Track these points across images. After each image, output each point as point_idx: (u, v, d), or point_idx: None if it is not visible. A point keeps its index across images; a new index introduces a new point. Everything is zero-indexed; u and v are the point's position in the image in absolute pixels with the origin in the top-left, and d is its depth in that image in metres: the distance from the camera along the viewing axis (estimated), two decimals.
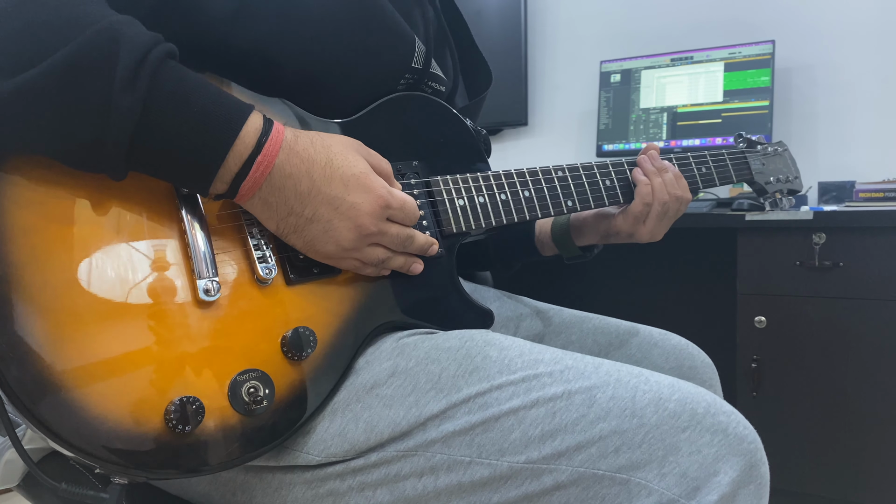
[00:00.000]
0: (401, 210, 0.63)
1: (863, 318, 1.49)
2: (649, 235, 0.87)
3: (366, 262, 0.64)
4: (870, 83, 1.93)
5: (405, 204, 0.63)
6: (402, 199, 0.63)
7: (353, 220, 0.60)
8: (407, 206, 0.64)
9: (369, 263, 0.64)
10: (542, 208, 0.78)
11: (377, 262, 0.64)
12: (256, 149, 0.55)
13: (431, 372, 0.59)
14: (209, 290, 0.55)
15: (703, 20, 2.15)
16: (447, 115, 0.78)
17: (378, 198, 0.61)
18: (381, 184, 0.62)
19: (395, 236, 0.63)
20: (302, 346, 0.58)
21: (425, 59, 0.76)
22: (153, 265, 0.54)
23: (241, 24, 0.62)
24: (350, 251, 0.61)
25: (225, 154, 0.54)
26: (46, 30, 0.49)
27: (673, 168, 0.87)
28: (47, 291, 0.49)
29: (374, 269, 0.65)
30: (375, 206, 0.61)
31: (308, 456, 0.59)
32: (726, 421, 0.54)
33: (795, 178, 1.08)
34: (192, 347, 0.54)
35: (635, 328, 0.90)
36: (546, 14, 2.42)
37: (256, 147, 0.55)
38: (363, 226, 0.60)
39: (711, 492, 0.51)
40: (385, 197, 0.61)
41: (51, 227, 0.51)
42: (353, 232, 0.60)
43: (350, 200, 0.59)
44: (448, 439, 0.56)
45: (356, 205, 0.60)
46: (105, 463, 0.49)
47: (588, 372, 0.57)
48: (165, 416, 0.51)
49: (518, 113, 2.39)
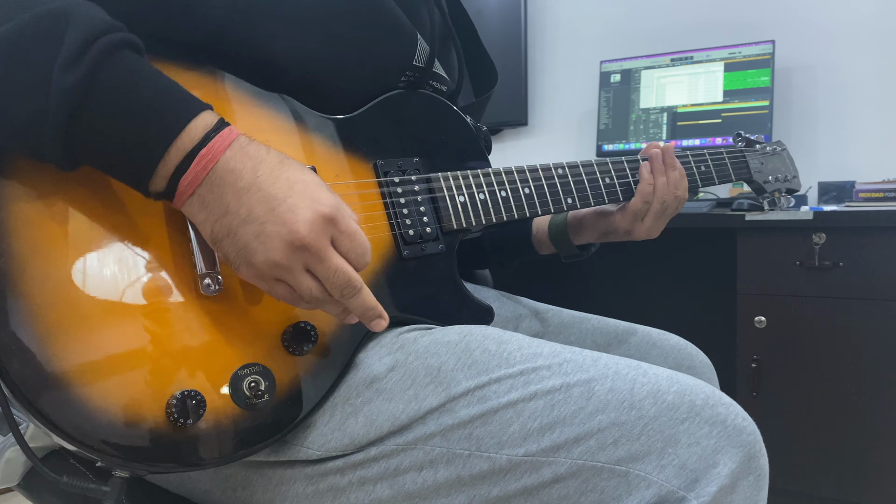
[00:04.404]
0: (348, 237, 0.54)
1: (863, 318, 1.48)
2: (646, 233, 0.88)
3: (299, 293, 0.54)
4: (870, 83, 1.93)
5: (356, 233, 0.54)
6: (353, 228, 0.54)
7: (287, 224, 0.51)
8: (357, 237, 0.54)
9: (302, 296, 0.54)
10: (542, 205, 0.79)
11: (309, 296, 0.54)
12: (202, 142, 0.51)
13: (431, 366, 0.59)
14: (210, 285, 0.55)
15: (703, 20, 2.15)
16: (448, 112, 0.78)
17: (323, 206, 0.52)
18: (333, 199, 0.54)
19: (334, 271, 0.53)
20: (303, 341, 0.59)
21: (428, 59, 0.76)
22: (155, 259, 0.54)
23: (236, 21, 0.62)
24: (281, 269, 0.52)
25: (167, 146, 0.50)
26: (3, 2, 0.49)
27: (680, 166, 0.88)
28: (49, 285, 0.49)
29: (307, 305, 0.56)
30: (317, 215, 0.52)
31: (308, 450, 0.59)
32: (725, 412, 0.54)
33: (794, 177, 1.08)
34: (193, 341, 0.54)
35: (634, 328, 0.90)
36: (546, 14, 2.42)
37: (202, 141, 0.51)
38: (298, 233, 0.51)
39: (710, 483, 0.52)
40: (332, 210, 0.53)
41: (53, 221, 0.51)
42: (282, 240, 0.51)
43: (290, 203, 0.51)
44: (447, 433, 0.56)
45: (295, 208, 0.51)
46: (106, 456, 0.50)
47: (586, 365, 0.57)
48: (167, 409, 0.51)
49: (518, 113, 2.39)
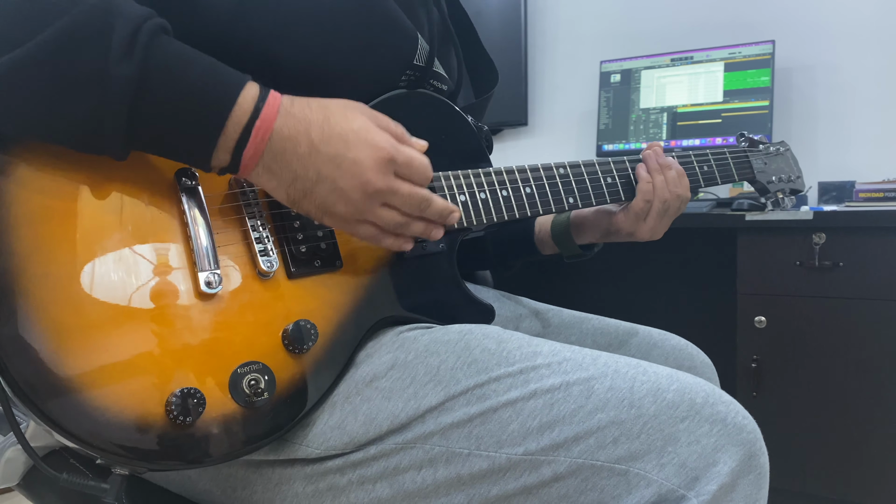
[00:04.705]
0: (407, 166, 0.60)
1: (863, 318, 1.48)
2: (650, 233, 0.87)
3: (382, 228, 0.61)
4: (870, 83, 1.93)
5: (412, 160, 0.60)
6: (409, 155, 0.60)
7: (357, 177, 0.57)
8: (415, 161, 0.60)
9: (386, 229, 0.61)
10: (543, 205, 0.78)
11: (394, 225, 0.61)
12: (254, 114, 0.54)
13: (430, 364, 0.59)
14: (211, 283, 0.55)
15: (703, 20, 2.15)
16: (449, 112, 0.78)
17: (380, 150, 0.58)
18: (383, 138, 0.59)
19: (407, 196, 0.60)
20: (303, 340, 0.59)
21: (428, 58, 0.76)
22: (155, 258, 0.54)
23: (241, 21, 0.62)
24: (362, 212, 0.59)
25: (224, 122, 0.53)
26: (37, 7, 0.49)
27: (676, 165, 0.87)
28: (50, 283, 0.49)
29: (393, 239, 0.63)
30: (378, 159, 0.58)
31: (308, 449, 0.59)
32: (725, 411, 0.54)
33: (798, 177, 1.07)
34: (193, 340, 0.54)
35: (634, 329, 0.90)
36: (546, 14, 2.42)
37: (254, 113, 0.54)
38: (369, 182, 0.57)
39: (711, 482, 0.52)
40: (388, 150, 0.58)
41: (54, 220, 0.51)
42: (358, 190, 0.57)
43: (351, 156, 0.57)
44: (446, 431, 0.56)
45: (358, 160, 0.57)
46: (106, 453, 0.50)
47: (586, 363, 0.57)
48: (166, 407, 0.51)
49: (518, 113, 2.39)
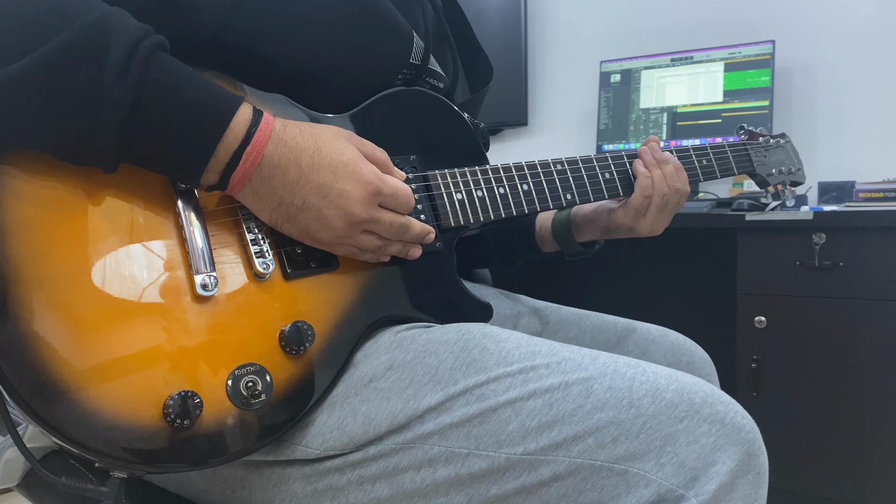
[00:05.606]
0: (392, 197, 0.62)
1: (863, 318, 1.48)
2: (650, 229, 0.87)
3: (361, 248, 0.63)
4: (870, 83, 1.93)
5: (398, 191, 0.63)
6: (395, 187, 0.62)
7: (342, 207, 0.59)
8: (399, 193, 0.63)
9: (365, 250, 0.64)
10: (540, 202, 0.78)
11: (373, 248, 0.64)
12: (245, 140, 0.55)
13: (429, 364, 0.59)
14: (207, 285, 0.55)
15: (703, 20, 2.15)
16: (445, 110, 0.78)
17: (367, 184, 0.60)
18: (371, 170, 0.61)
19: (388, 224, 0.63)
20: (300, 341, 0.58)
21: (423, 56, 0.75)
22: (151, 260, 0.54)
23: (234, 21, 0.62)
24: (343, 238, 0.61)
25: (215, 145, 0.54)
26: (37, 22, 0.49)
27: (673, 160, 0.87)
28: (46, 287, 0.49)
29: (371, 255, 0.65)
30: (365, 193, 0.60)
31: (307, 449, 0.59)
32: (724, 411, 0.54)
33: (798, 169, 1.06)
34: (190, 342, 0.54)
35: (633, 325, 0.90)
36: (546, 14, 2.42)
37: (245, 138, 0.55)
38: (353, 213, 0.60)
39: (710, 481, 0.51)
40: (375, 184, 0.61)
41: (49, 224, 0.51)
42: (342, 220, 0.60)
43: (339, 188, 0.59)
44: (445, 431, 0.56)
45: (345, 192, 0.59)
46: (103, 457, 0.49)
47: (585, 363, 0.57)
48: (164, 410, 0.51)
49: (518, 113, 2.39)
